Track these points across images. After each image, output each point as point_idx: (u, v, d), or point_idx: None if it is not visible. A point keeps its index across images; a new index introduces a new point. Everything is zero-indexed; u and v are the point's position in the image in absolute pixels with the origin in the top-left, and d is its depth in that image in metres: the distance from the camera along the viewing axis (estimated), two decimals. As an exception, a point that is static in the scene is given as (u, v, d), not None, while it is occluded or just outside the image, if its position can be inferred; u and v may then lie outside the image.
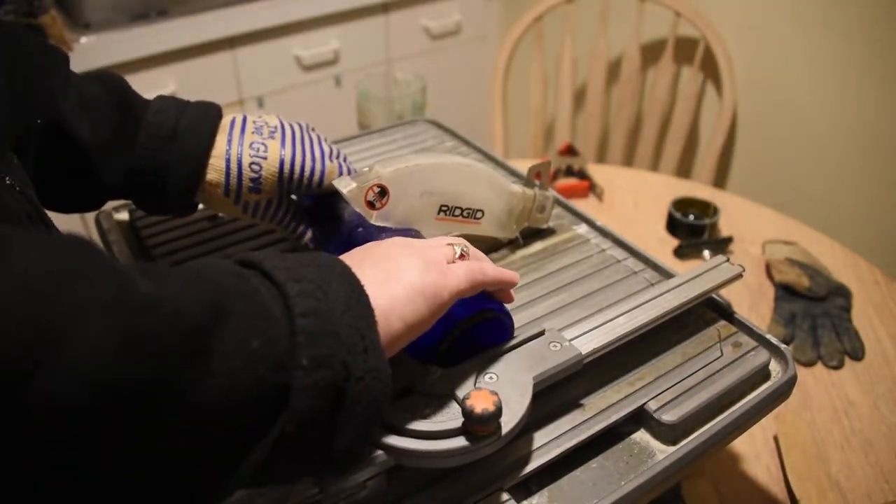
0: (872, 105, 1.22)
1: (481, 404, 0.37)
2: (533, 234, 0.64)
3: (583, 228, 0.66)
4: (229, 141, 0.53)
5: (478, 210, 0.58)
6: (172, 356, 0.26)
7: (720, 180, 1.50)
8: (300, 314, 0.31)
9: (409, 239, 0.43)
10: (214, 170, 0.52)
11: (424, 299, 0.38)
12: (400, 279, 0.38)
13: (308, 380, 0.30)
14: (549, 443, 0.44)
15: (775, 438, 0.68)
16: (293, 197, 0.57)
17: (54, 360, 0.23)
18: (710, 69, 1.42)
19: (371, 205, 0.51)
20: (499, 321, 0.46)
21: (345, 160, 0.57)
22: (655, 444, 0.46)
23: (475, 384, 0.41)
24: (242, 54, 1.45)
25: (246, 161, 0.52)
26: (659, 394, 0.47)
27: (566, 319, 0.54)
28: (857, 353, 0.78)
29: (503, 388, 0.41)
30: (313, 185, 0.54)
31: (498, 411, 0.37)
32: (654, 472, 0.42)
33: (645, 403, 0.46)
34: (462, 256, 0.43)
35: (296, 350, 0.30)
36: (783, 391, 0.49)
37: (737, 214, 1.02)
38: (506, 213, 0.60)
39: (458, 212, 0.57)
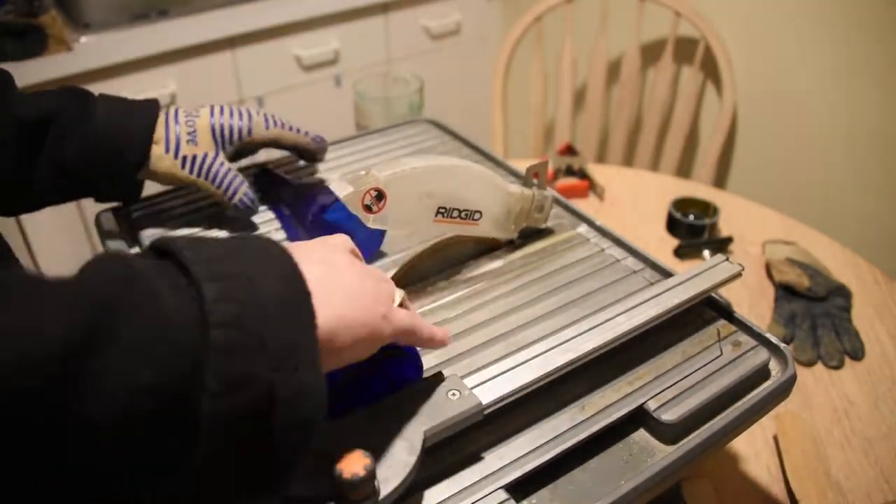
0: (872, 105, 1.22)
1: (351, 468, 0.34)
2: (533, 234, 0.64)
3: (582, 228, 0.66)
4: (167, 114, 0.60)
5: (476, 211, 0.58)
6: (30, 395, 0.22)
7: (720, 180, 1.50)
8: (214, 324, 0.26)
9: (353, 255, 0.40)
10: (156, 131, 0.59)
11: (368, 329, 0.34)
12: (349, 293, 0.34)
13: (218, 407, 0.26)
14: (548, 442, 0.44)
15: (775, 438, 0.68)
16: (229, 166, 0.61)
17: None
18: (710, 69, 1.42)
19: (368, 208, 0.51)
20: (405, 360, 0.43)
21: (280, 124, 0.64)
22: (655, 443, 0.46)
23: (357, 440, 0.38)
24: (242, 54, 1.45)
25: (182, 119, 0.60)
26: (658, 393, 0.47)
27: (566, 319, 0.54)
28: (857, 353, 0.78)
29: (390, 445, 0.38)
30: (244, 136, 0.61)
31: (370, 475, 0.35)
32: (654, 472, 0.42)
33: (644, 403, 0.46)
34: (402, 304, 0.40)
35: (204, 372, 0.26)
36: (783, 391, 0.49)
37: (737, 214, 1.02)
38: (504, 214, 0.60)
39: (455, 213, 0.57)
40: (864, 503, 0.63)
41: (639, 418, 0.46)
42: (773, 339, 0.51)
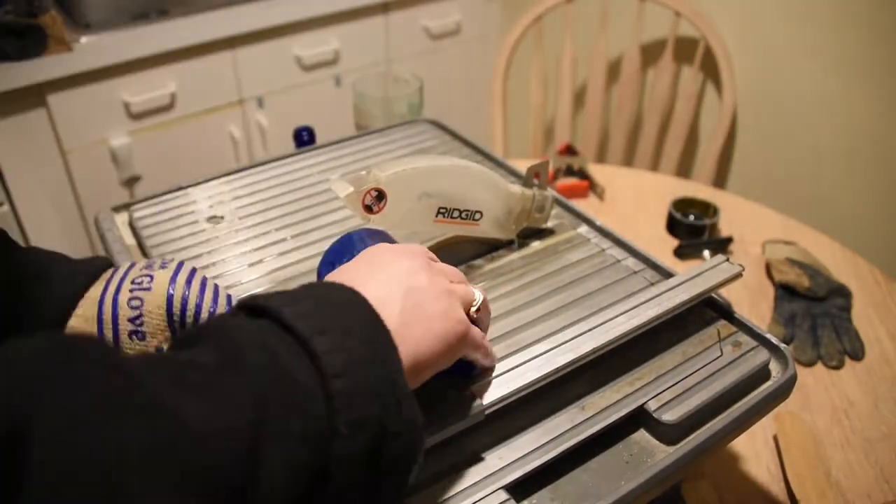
0: (872, 105, 1.22)
1: None
2: (533, 234, 0.64)
3: (583, 228, 0.66)
4: (108, 281, 0.42)
5: (476, 211, 0.58)
6: (228, 483, 0.25)
7: (720, 180, 1.50)
8: (333, 375, 0.29)
9: (433, 266, 0.40)
10: (80, 316, 0.40)
11: (446, 350, 0.37)
12: (427, 321, 0.36)
13: (347, 449, 0.28)
14: (549, 442, 0.44)
15: (775, 438, 0.68)
16: None
17: None
18: (710, 69, 1.42)
19: (368, 209, 0.51)
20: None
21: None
22: (655, 443, 0.46)
23: None
24: (242, 54, 1.45)
25: (123, 298, 0.41)
26: (659, 393, 0.47)
27: (566, 319, 0.54)
28: (857, 353, 0.78)
29: None
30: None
31: None
32: (654, 472, 0.42)
33: (645, 403, 0.46)
34: (481, 308, 0.42)
35: (334, 417, 0.28)
36: (783, 391, 0.49)
37: (737, 214, 1.02)
38: (504, 214, 0.60)
39: (456, 214, 0.57)
40: (864, 503, 0.63)
41: (639, 419, 0.47)
42: (774, 340, 0.51)
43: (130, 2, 1.32)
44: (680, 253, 0.94)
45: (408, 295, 0.36)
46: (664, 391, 0.47)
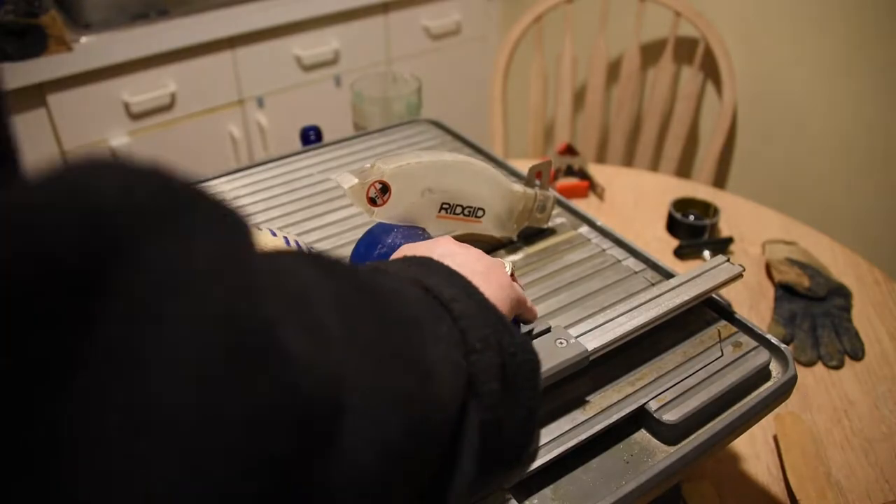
0: (872, 105, 1.22)
1: None
2: (533, 234, 0.64)
3: (583, 229, 0.66)
4: None
5: (479, 208, 0.58)
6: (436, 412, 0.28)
7: (720, 180, 1.50)
8: (451, 299, 0.33)
9: (477, 253, 0.45)
10: None
11: (509, 303, 0.42)
12: (490, 280, 0.41)
13: (484, 361, 0.32)
14: (549, 442, 0.44)
15: (775, 438, 0.68)
16: None
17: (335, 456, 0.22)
18: (710, 69, 1.42)
19: (372, 201, 0.51)
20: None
21: None
22: (656, 443, 0.46)
23: None
24: (242, 54, 1.45)
25: None
26: (659, 393, 0.47)
27: (567, 319, 0.54)
28: (857, 353, 0.78)
29: None
30: None
31: None
32: (655, 472, 0.42)
33: (645, 403, 0.46)
34: (512, 275, 0.47)
35: (466, 335, 0.32)
36: (783, 391, 0.49)
37: (737, 214, 1.02)
38: (506, 212, 0.60)
39: (458, 210, 0.57)
40: (864, 503, 0.63)
41: (640, 419, 0.47)
42: (774, 341, 0.51)
43: (130, 2, 1.32)
44: (680, 253, 0.94)
45: (471, 270, 0.40)
46: (665, 391, 0.47)
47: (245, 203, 0.68)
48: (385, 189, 0.52)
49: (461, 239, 0.60)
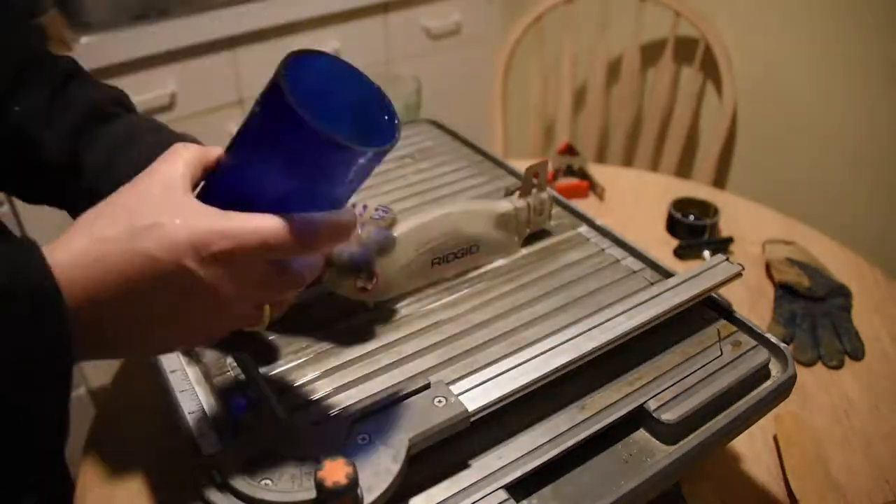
0: (872, 105, 1.21)
1: (333, 476, 0.34)
2: (533, 234, 0.64)
3: (583, 228, 0.66)
4: None
5: (472, 245, 0.58)
6: None
7: (720, 180, 1.50)
8: None
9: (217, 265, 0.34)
10: None
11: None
12: (160, 336, 0.35)
13: None
14: (548, 442, 0.44)
15: (775, 438, 0.68)
16: None
17: None
18: (710, 69, 1.42)
19: (364, 290, 0.51)
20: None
21: None
22: (655, 443, 0.46)
23: (343, 446, 0.39)
24: (242, 54, 1.44)
25: None
26: (658, 393, 0.47)
27: (566, 319, 0.54)
28: (857, 353, 0.78)
29: (374, 452, 0.39)
30: None
31: (352, 484, 0.35)
32: (654, 472, 0.42)
33: (644, 403, 0.46)
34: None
35: None
36: (783, 391, 0.49)
37: (737, 214, 1.02)
38: (503, 234, 0.60)
39: (451, 257, 0.57)
40: (864, 503, 0.63)
41: (639, 418, 0.46)
42: (773, 340, 0.51)
43: (130, 2, 1.32)
44: (680, 253, 0.94)
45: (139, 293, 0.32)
46: (664, 391, 0.47)
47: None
48: (371, 275, 0.51)
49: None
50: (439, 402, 0.42)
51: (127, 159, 0.50)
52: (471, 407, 0.42)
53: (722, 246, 0.95)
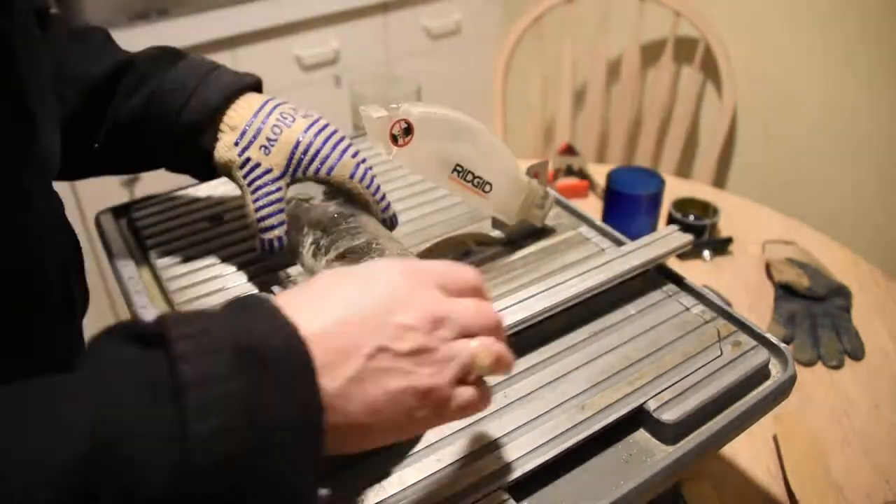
0: (872, 104, 1.22)
1: None
2: (533, 234, 0.64)
3: (583, 228, 0.66)
4: (267, 101, 0.52)
5: (487, 182, 0.58)
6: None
7: (720, 180, 1.50)
8: (198, 472, 0.24)
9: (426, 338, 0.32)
10: (238, 114, 0.51)
11: (397, 438, 0.33)
12: (382, 420, 0.31)
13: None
14: (548, 442, 0.44)
15: (775, 438, 0.68)
16: (285, 192, 0.52)
17: None
18: (710, 69, 1.42)
19: (395, 139, 0.51)
20: None
21: (369, 168, 0.54)
22: (655, 443, 0.46)
23: None
24: (242, 54, 1.45)
25: (273, 118, 0.51)
26: (658, 393, 0.47)
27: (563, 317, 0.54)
28: (857, 353, 0.78)
29: None
30: (321, 172, 0.52)
31: None
32: (654, 472, 0.42)
33: (644, 403, 0.46)
34: (476, 383, 0.35)
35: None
36: (783, 391, 0.49)
37: (737, 214, 1.02)
38: (511, 196, 0.60)
39: (469, 177, 0.57)
40: (864, 503, 0.63)
41: (638, 418, 0.46)
42: (773, 339, 0.51)
43: (130, 2, 1.32)
44: (680, 253, 0.94)
45: (372, 359, 0.30)
46: (664, 391, 0.47)
47: (244, 203, 0.68)
48: (409, 130, 0.51)
49: (458, 242, 0.60)
50: None
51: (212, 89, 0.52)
52: None
53: (722, 246, 0.95)
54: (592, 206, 1.04)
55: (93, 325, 0.37)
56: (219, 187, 0.71)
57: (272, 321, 0.29)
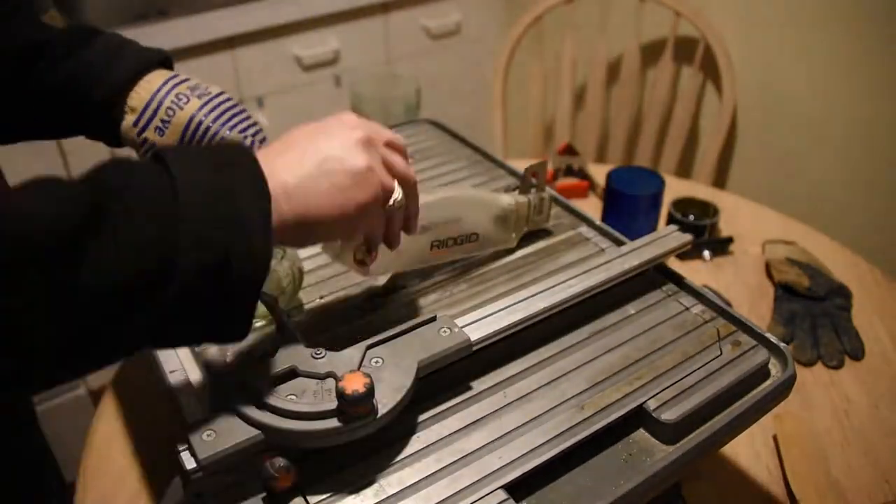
0: (873, 104, 1.21)
1: (353, 385, 0.38)
2: (533, 234, 0.64)
3: (583, 228, 0.66)
4: (168, 79, 0.55)
5: (471, 234, 0.58)
6: (45, 256, 0.30)
7: (720, 180, 1.50)
8: (185, 202, 0.34)
9: (341, 137, 0.43)
10: (139, 94, 0.54)
11: (342, 216, 0.41)
12: (329, 191, 0.40)
13: (187, 263, 0.34)
14: (548, 442, 0.44)
15: (775, 438, 0.68)
16: None
17: None
18: (710, 69, 1.42)
19: (362, 263, 0.50)
20: None
21: (262, 142, 0.58)
22: (655, 443, 0.46)
23: (359, 367, 0.43)
24: (242, 54, 1.44)
25: (171, 98, 0.54)
26: (658, 393, 0.47)
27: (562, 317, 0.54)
28: (857, 353, 0.78)
29: (386, 372, 0.43)
30: None
31: (369, 392, 0.39)
32: (654, 472, 0.42)
33: (644, 402, 0.46)
34: (394, 206, 0.45)
35: (177, 236, 0.34)
36: (783, 391, 0.49)
37: (737, 214, 1.02)
38: (501, 228, 0.60)
39: (450, 242, 0.57)
40: (864, 503, 0.63)
41: (638, 418, 0.46)
42: (773, 339, 0.51)
43: (130, 2, 1.32)
44: (680, 253, 0.94)
45: (321, 163, 0.41)
46: (663, 390, 0.47)
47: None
48: (369, 249, 0.51)
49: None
50: (444, 332, 0.46)
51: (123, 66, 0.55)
52: (473, 337, 0.46)
53: (722, 246, 0.95)
54: (592, 206, 1.04)
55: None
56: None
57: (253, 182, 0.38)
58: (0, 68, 0.54)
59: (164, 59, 0.57)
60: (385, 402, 0.41)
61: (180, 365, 0.49)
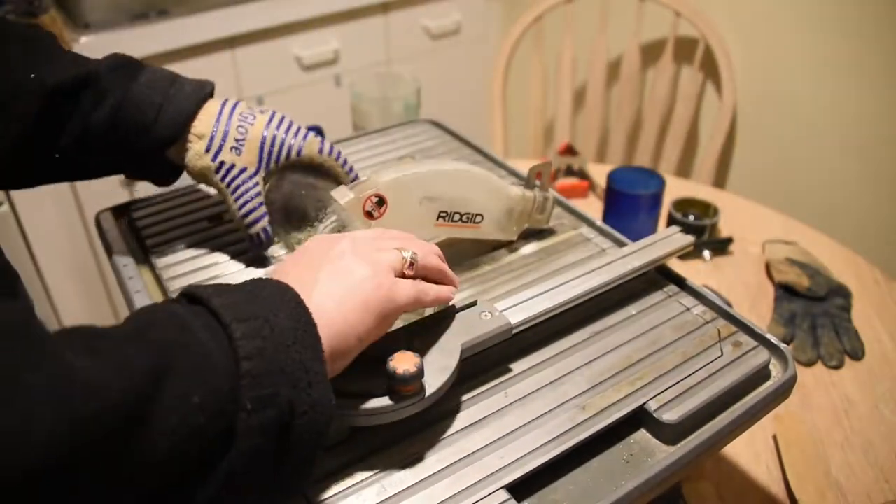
0: (873, 104, 1.22)
1: (403, 365, 0.40)
2: (533, 234, 0.64)
3: (583, 228, 0.66)
4: (223, 104, 0.56)
5: (477, 214, 0.58)
6: (115, 430, 0.28)
7: (720, 180, 1.50)
8: (244, 357, 0.33)
9: (360, 238, 0.44)
10: (202, 122, 0.54)
11: (375, 318, 0.40)
12: (354, 295, 0.40)
13: (252, 422, 0.32)
14: (549, 442, 0.44)
15: (775, 438, 0.68)
16: (259, 186, 0.56)
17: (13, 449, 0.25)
18: (710, 69, 1.42)
19: (369, 214, 0.51)
20: None
21: (336, 155, 0.59)
22: (656, 443, 0.46)
23: (407, 348, 0.43)
24: (242, 54, 1.44)
25: (235, 120, 0.55)
26: (659, 393, 0.47)
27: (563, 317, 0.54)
28: (857, 353, 0.78)
29: (431, 354, 0.44)
30: (291, 155, 0.57)
31: (419, 372, 0.40)
32: (654, 472, 0.42)
33: (645, 403, 0.46)
34: (412, 265, 0.44)
35: (240, 394, 0.32)
36: (783, 391, 0.49)
37: (737, 214, 1.02)
38: (505, 216, 0.60)
39: (457, 217, 0.57)
40: (864, 503, 0.63)
41: (639, 418, 0.47)
42: (774, 340, 0.51)
43: (130, 2, 1.32)
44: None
45: (331, 281, 0.40)
46: (664, 391, 0.47)
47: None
48: (381, 201, 0.52)
49: (461, 241, 0.60)
50: (485, 316, 0.48)
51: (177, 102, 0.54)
52: (513, 320, 0.48)
53: (722, 246, 0.95)
54: (592, 206, 1.04)
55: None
56: (219, 187, 0.71)
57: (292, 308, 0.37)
58: (32, 107, 0.51)
59: (213, 89, 0.57)
60: (432, 382, 0.42)
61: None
